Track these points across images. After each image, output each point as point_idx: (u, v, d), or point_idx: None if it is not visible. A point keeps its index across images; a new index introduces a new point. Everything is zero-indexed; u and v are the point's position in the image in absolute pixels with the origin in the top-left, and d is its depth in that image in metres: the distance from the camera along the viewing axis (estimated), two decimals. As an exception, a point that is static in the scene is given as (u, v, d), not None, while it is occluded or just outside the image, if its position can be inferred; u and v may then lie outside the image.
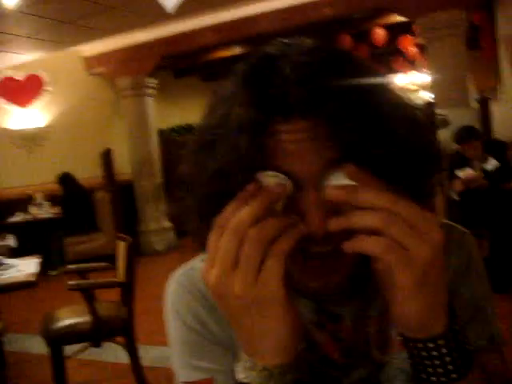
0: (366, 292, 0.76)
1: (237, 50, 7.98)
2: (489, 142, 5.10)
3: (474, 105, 6.50)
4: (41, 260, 3.77)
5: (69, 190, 7.53)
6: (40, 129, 8.13)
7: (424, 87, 12.46)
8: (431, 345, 0.59)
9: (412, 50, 8.99)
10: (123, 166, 8.60)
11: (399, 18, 6.79)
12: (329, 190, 0.57)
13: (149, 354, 3.88)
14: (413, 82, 13.30)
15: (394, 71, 11.65)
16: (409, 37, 8.46)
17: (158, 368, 3.71)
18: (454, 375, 0.59)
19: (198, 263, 0.81)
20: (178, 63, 8.81)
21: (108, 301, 3.50)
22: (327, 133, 0.58)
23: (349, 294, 0.75)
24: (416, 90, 13.83)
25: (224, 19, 7.24)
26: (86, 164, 8.28)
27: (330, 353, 0.76)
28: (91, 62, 8.49)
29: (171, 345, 0.80)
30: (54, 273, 6.95)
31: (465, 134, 4.88)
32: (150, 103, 8.59)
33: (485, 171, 4.85)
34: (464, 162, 4.92)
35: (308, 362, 0.75)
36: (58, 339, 3.08)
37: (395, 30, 7.98)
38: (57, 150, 8.12)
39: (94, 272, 3.91)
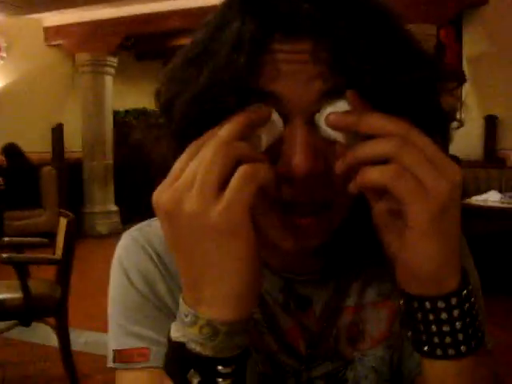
0: (343, 277, 0.68)
1: (203, 39, 7.85)
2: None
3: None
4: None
5: (13, 161, 7.25)
6: (-11, 95, 7.82)
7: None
8: (442, 304, 0.49)
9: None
10: (74, 144, 8.36)
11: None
12: (330, 116, 0.49)
13: (80, 339, 3.75)
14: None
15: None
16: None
17: (87, 354, 3.57)
18: (463, 347, 0.50)
19: (155, 221, 0.70)
20: (141, 45, 8.64)
21: (42, 278, 3.34)
22: (330, 58, 0.50)
23: (323, 276, 0.68)
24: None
25: (192, 5, 7.10)
26: (35, 137, 7.99)
27: (293, 341, 0.67)
28: (51, 32, 8.21)
29: (110, 307, 0.68)
30: (-12, 246, 6.69)
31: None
32: (108, 82, 8.37)
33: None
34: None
35: (267, 348, 0.66)
36: (-17, 314, 2.91)
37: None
38: (5, 119, 7.79)
39: (30, 248, 3.76)
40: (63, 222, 3.23)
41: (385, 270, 0.58)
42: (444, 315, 0.49)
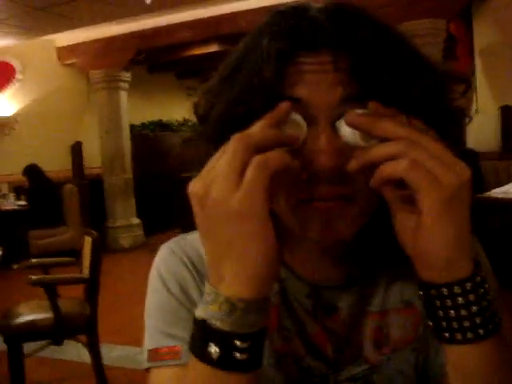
0: (367, 284, 0.73)
1: (213, 48, 7.89)
2: (461, 152, 5.11)
3: (448, 114, 6.56)
4: (3, 253, 3.64)
5: (35, 181, 7.35)
6: (8, 118, 7.91)
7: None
8: (458, 290, 0.53)
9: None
10: (93, 160, 8.46)
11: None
12: (350, 115, 0.55)
13: (111, 354, 3.79)
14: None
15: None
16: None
17: (119, 368, 3.63)
18: (481, 330, 0.53)
19: (191, 235, 0.77)
20: (153, 58, 8.71)
21: (71, 297, 3.40)
22: (349, 67, 0.57)
23: (348, 283, 0.72)
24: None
25: (201, 16, 7.16)
26: (54, 156, 8.09)
27: (320, 345, 0.71)
28: (64, 52, 8.32)
29: (147, 312, 0.74)
30: (16, 266, 6.77)
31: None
32: (123, 97, 8.45)
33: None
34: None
35: (295, 353, 0.71)
36: (16, 336, 2.96)
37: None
38: (25, 140, 7.92)
39: (57, 267, 3.81)
40: (88, 240, 3.29)
41: (407, 277, 0.62)
42: (461, 300, 0.53)
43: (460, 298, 0.53)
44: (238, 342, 0.52)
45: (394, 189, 0.54)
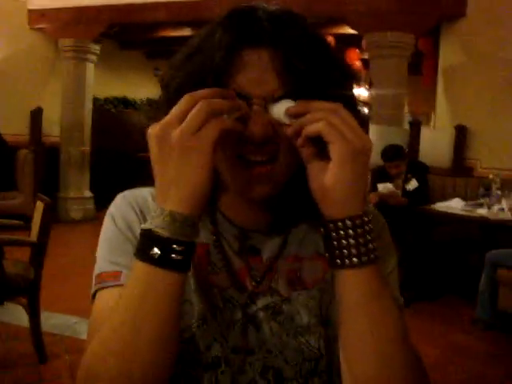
0: (286, 233, 0.88)
1: (185, 32, 7.90)
2: (413, 164, 5.32)
3: (406, 126, 6.75)
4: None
5: (-10, 142, 7.25)
6: (-31, 75, 7.78)
7: (362, 101, 12.77)
8: (349, 224, 0.69)
9: (357, 63, 9.21)
10: (52, 129, 8.37)
11: (350, 31, 6.94)
12: (290, 108, 0.72)
13: (50, 321, 3.82)
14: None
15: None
16: (356, 50, 8.67)
17: (56, 335, 3.67)
18: (364, 257, 0.69)
19: (144, 188, 0.93)
20: (125, 34, 8.66)
21: (16, 260, 3.42)
22: (281, 62, 0.73)
23: (270, 230, 0.88)
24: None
25: (178, -2, 7.18)
26: (13, 119, 7.96)
27: (242, 279, 0.86)
28: (35, 15, 8.19)
29: (99, 243, 0.88)
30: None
31: (391, 153, 5.07)
32: (90, 69, 8.40)
33: (405, 190, 5.06)
34: (386, 179, 5.12)
35: (221, 284, 0.85)
36: (-43, 291, 2.98)
37: (343, 42, 8.16)
38: (-16, 99, 7.80)
39: (4, 230, 3.82)
40: (40, 205, 3.32)
41: (320, 233, 0.75)
42: (350, 232, 0.69)
43: (350, 231, 0.69)
44: (175, 246, 0.67)
45: (311, 147, 0.71)
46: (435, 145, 6.43)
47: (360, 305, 0.71)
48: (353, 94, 0.82)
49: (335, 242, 0.70)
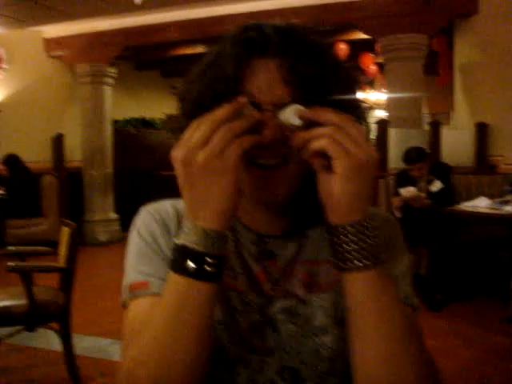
0: (302, 237, 0.93)
1: (199, 49, 7.97)
2: (436, 165, 5.26)
3: (426, 127, 6.70)
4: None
5: (14, 171, 7.36)
6: (-9, 106, 7.93)
7: (380, 106, 12.73)
8: (351, 229, 0.74)
9: (372, 68, 9.19)
10: (74, 153, 8.48)
11: (363, 36, 6.93)
12: (302, 111, 0.76)
13: (82, 344, 3.84)
14: (369, 100, 13.58)
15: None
16: (370, 55, 8.65)
17: (89, 358, 3.68)
18: (366, 261, 0.74)
19: (165, 201, 0.99)
20: (140, 55, 8.76)
21: (46, 286, 3.45)
22: (289, 71, 0.79)
23: (286, 235, 0.93)
24: (372, 108, 14.12)
25: (189, 16, 7.25)
26: (35, 147, 8.11)
27: (260, 282, 0.91)
28: (51, 44, 8.35)
29: (127, 256, 0.93)
30: (-9, 254, 6.78)
31: (413, 155, 5.01)
32: (108, 92, 8.51)
33: (429, 192, 5.01)
34: (409, 182, 5.07)
35: (239, 288, 0.90)
36: (-10, 320, 3.01)
37: (357, 47, 8.15)
38: (7, 129, 7.92)
39: (33, 256, 3.86)
40: (65, 231, 3.35)
41: None
42: (353, 237, 0.73)
43: (352, 236, 0.73)
44: (208, 259, 0.73)
45: (319, 159, 0.74)
46: (456, 144, 6.36)
47: (365, 305, 0.75)
48: (356, 98, 0.87)
49: (339, 247, 0.75)
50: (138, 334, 0.77)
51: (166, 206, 0.97)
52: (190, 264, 0.73)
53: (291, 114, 0.76)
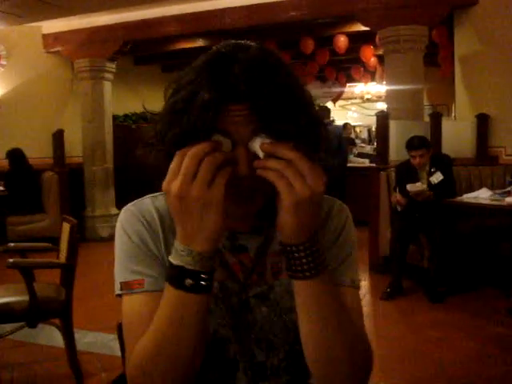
0: (268, 232, 1.10)
1: (199, 43, 7.96)
2: (436, 156, 5.25)
3: (427, 119, 6.68)
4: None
5: (16, 166, 7.35)
6: (-10, 102, 7.93)
7: (381, 97, 12.70)
8: (295, 249, 0.88)
9: (372, 60, 9.17)
10: (74, 149, 8.47)
11: (362, 28, 6.91)
12: (263, 145, 0.87)
13: (84, 339, 3.86)
14: (370, 92, 13.55)
15: (352, 79, 11.86)
16: (370, 47, 8.63)
17: (91, 353, 3.69)
18: (309, 272, 0.89)
19: (145, 199, 1.11)
20: (139, 50, 8.74)
21: (47, 282, 3.45)
22: (257, 113, 0.88)
23: (254, 231, 1.09)
24: (372, 100, 14.09)
25: (188, 10, 7.22)
26: (36, 143, 8.10)
27: (236, 272, 1.09)
28: (50, 39, 8.32)
29: (116, 257, 1.05)
30: (-8, 251, 6.78)
31: (415, 141, 5.01)
32: (107, 87, 8.49)
33: (430, 184, 5.00)
34: (410, 172, 5.06)
35: (220, 277, 1.05)
36: (-9, 317, 3.01)
37: (357, 39, 8.13)
38: (7, 126, 7.93)
39: (34, 252, 3.86)
40: (66, 227, 3.35)
41: None
42: (297, 254, 0.89)
43: (296, 254, 0.89)
44: (203, 276, 0.87)
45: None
46: (457, 136, 6.35)
47: (308, 304, 0.93)
48: (319, 131, 0.97)
49: (290, 260, 0.90)
50: (141, 328, 0.94)
51: (147, 206, 1.08)
52: (189, 281, 0.86)
53: (257, 145, 0.88)
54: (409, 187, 4.93)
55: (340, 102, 14.29)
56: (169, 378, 0.92)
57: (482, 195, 5.00)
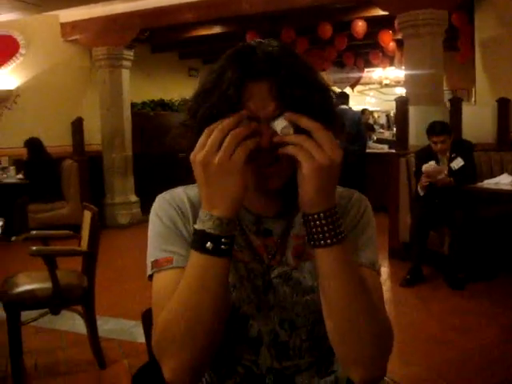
0: (291, 217, 1.17)
1: (216, 30, 7.92)
2: (457, 142, 5.20)
3: (447, 104, 6.61)
4: (2, 224, 3.71)
5: (34, 155, 7.40)
6: (10, 91, 7.98)
7: (399, 83, 12.57)
8: (316, 217, 0.94)
9: (391, 45, 9.07)
10: (93, 137, 8.52)
11: (381, 12, 6.83)
12: (289, 115, 0.96)
13: (106, 326, 3.90)
14: (388, 77, 13.42)
15: (371, 65, 11.76)
16: (389, 32, 8.53)
17: (114, 339, 3.74)
18: (330, 240, 0.95)
19: (178, 188, 1.20)
20: (156, 38, 8.73)
21: (69, 269, 3.49)
22: (277, 90, 0.98)
23: (278, 215, 1.17)
24: (391, 85, 13.95)
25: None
26: (55, 132, 8.16)
27: (260, 254, 1.16)
28: (67, 28, 8.35)
29: (149, 242, 1.13)
30: (14, 238, 6.84)
31: (437, 127, 4.97)
32: (125, 75, 8.51)
33: (450, 169, 4.95)
34: (431, 158, 5.01)
35: (244, 259, 1.14)
36: (16, 304, 3.06)
37: (376, 24, 8.04)
38: (26, 114, 7.98)
39: (56, 240, 3.90)
40: (87, 214, 3.38)
41: None
42: (318, 223, 0.95)
43: (318, 222, 0.95)
44: (223, 240, 0.93)
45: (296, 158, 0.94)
46: (478, 121, 6.27)
47: (329, 273, 0.97)
48: (332, 109, 1.05)
49: (310, 229, 0.96)
50: (168, 301, 0.97)
51: (179, 194, 1.17)
52: (209, 244, 0.93)
53: (280, 126, 0.96)
54: (424, 166, 4.90)
55: (358, 88, 14.17)
56: (189, 342, 0.95)
57: (503, 181, 4.95)
